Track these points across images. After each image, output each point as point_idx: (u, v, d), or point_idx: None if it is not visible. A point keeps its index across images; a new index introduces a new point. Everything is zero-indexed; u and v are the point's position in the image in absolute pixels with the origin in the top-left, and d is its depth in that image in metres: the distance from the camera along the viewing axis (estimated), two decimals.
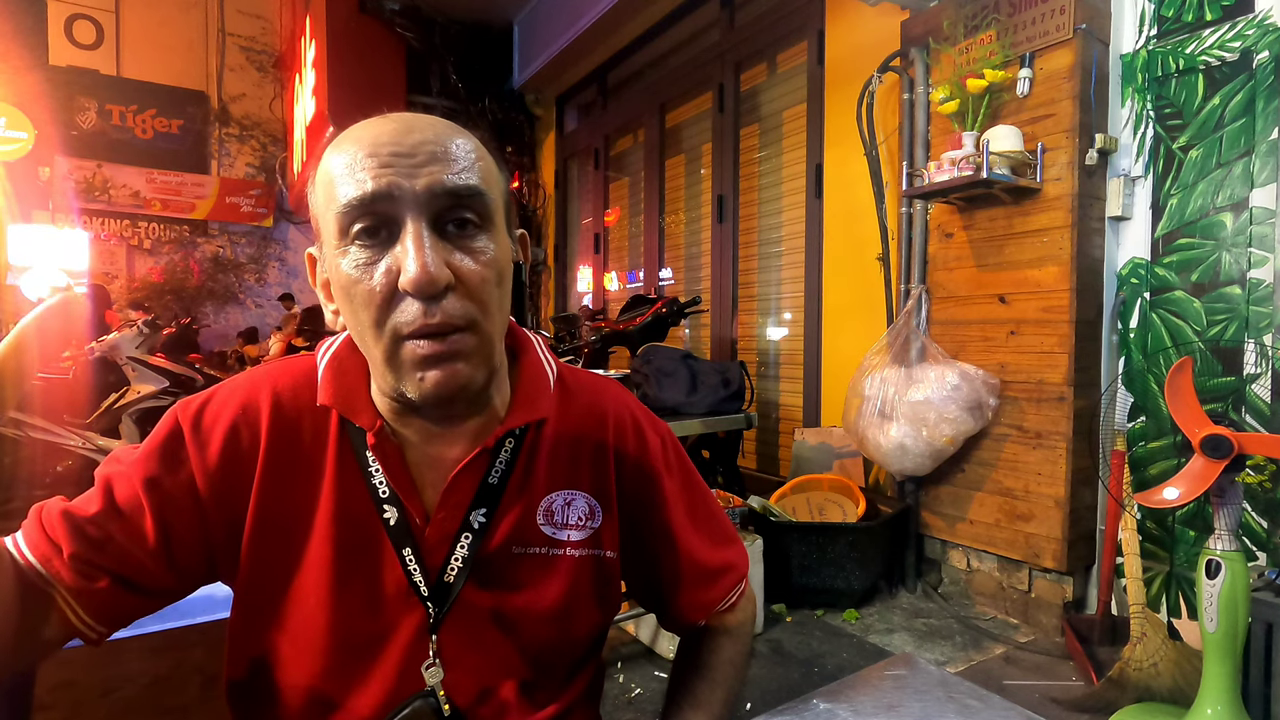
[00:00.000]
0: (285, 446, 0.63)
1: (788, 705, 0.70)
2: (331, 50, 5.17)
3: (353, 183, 0.54)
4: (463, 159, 0.56)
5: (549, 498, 0.67)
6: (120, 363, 4.07)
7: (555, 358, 0.74)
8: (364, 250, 0.54)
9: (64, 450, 3.81)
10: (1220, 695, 1.59)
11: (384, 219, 0.54)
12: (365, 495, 0.62)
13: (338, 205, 0.54)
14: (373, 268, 0.54)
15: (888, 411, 2.56)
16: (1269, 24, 2.00)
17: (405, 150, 0.54)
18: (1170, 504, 1.62)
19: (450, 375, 0.55)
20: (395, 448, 0.62)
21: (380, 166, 0.53)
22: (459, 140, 0.57)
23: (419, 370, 0.55)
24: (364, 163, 0.54)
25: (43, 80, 7.26)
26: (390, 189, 0.53)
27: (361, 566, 0.62)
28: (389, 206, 0.54)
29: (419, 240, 0.53)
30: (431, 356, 0.54)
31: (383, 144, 0.54)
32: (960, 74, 2.49)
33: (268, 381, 0.65)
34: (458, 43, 5.55)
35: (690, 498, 0.75)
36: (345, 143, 0.56)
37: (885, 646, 2.34)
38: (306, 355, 0.68)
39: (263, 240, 8.43)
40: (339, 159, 0.55)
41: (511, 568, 0.65)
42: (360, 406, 0.62)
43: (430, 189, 0.54)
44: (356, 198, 0.53)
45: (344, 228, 0.55)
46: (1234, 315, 2.10)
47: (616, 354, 3.62)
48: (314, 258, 0.62)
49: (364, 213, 0.54)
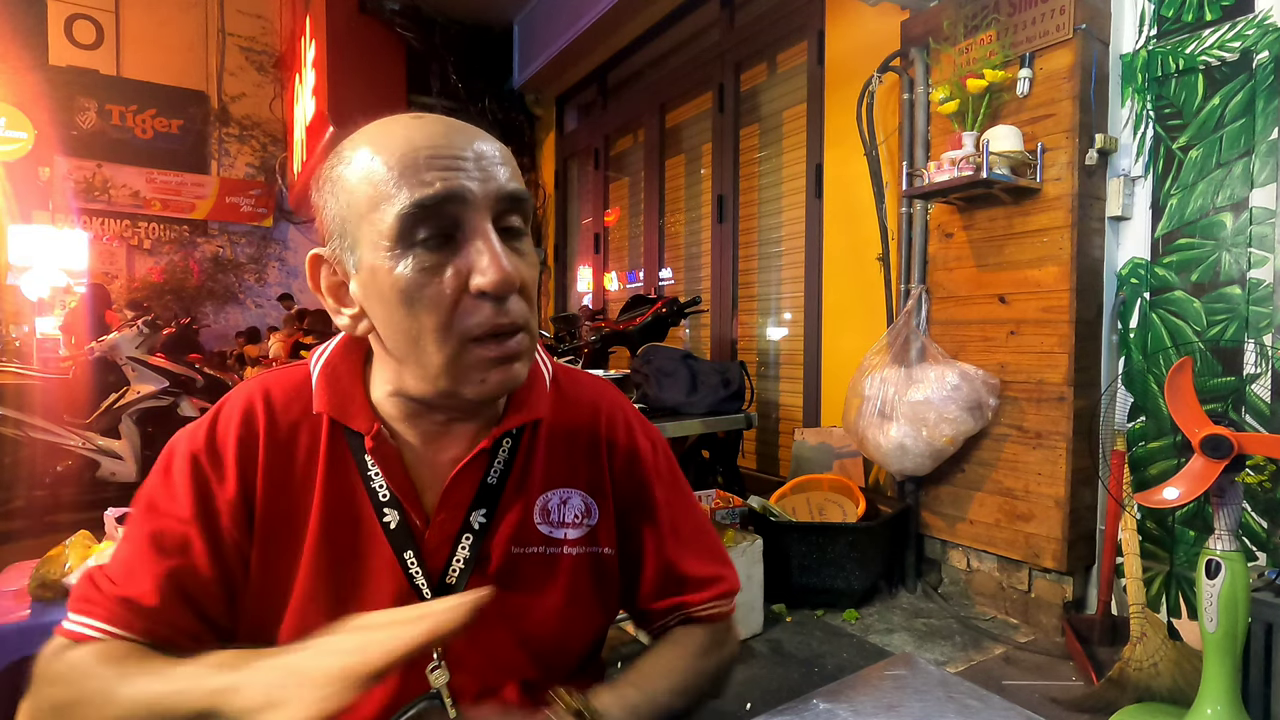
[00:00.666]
0: (282, 459, 0.63)
1: (788, 705, 0.70)
2: (331, 50, 5.17)
3: (418, 184, 0.53)
4: (510, 164, 0.57)
5: (545, 496, 0.67)
6: (120, 363, 4.07)
7: (550, 357, 0.74)
8: (431, 254, 0.54)
9: (64, 450, 3.82)
10: (1220, 695, 1.59)
11: (453, 221, 0.54)
12: (363, 500, 0.63)
13: (400, 206, 0.53)
14: (441, 270, 0.54)
15: (888, 411, 2.56)
16: (1269, 24, 2.00)
17: (467, 154, 0.54)
18: (1170, 504, 1.61)
19: (512, 376, 0.57)
20: (394, 451, 0.63)
21: (447, 169, 0.53)
22: (499, 144, 0.58)
23: (483, 372, 0.56)
24: (429, 164, 0.53)
25: (43, 80, 7.27)
26: (463, 192, 0.53)
27: (359, 572, 0.62)
28: (459, 209, 0.54)
29: (491, 242, 0.54)
30: (498, 358, 0.56)
31: (441, 146, 0.54)
32: (960, 74, 2.49)
33: (261, 395, 0.65)
34: (458, 43, 5.56)
35: (677, 507, 0.74)
36: (390, 142, 0.55)
37: (885, 646, 2.34)
38: (299, 364, 0.68)
39: (263, 240, 8.44)
40: (388, 159, 0.54)
41: (512, 568, 0.65)
42: (356, 411, 0.62)
43: (497, 192, 0.55)
44: (428, 198, 0.52)
45: (405, 230, 0.53)
46: (1234, 315, 2.10)
47: (616, 354, 3.62)
48: (321, 259, 0.60)
49: (433, 214, 0.53)
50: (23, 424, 3.68)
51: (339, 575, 0.62)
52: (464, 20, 5.56)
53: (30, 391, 3.94)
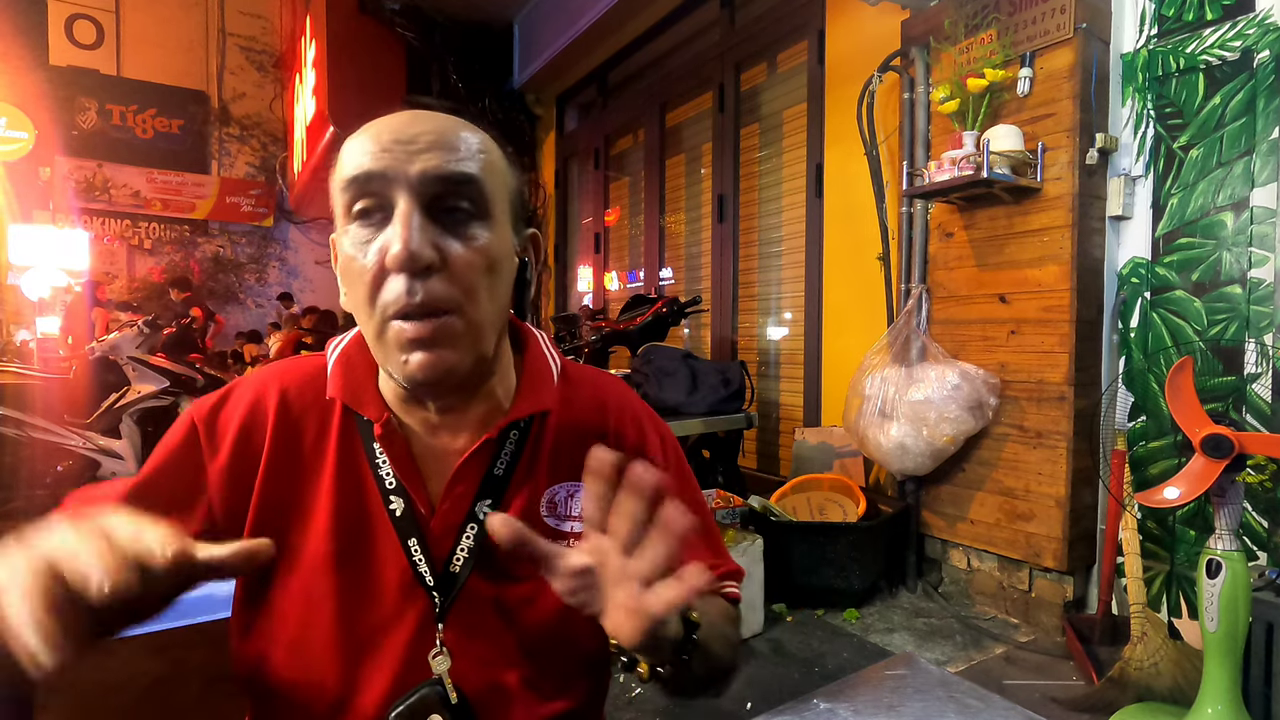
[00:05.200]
0: (289, 443, 0.65)
1: (788, 705, 0.70)
2: (332, 50, 5.17)
3: (353, 163, 0.57)
4: (463, 149, 0.58)
5: (552, 489, 0.67)
6: (120, 362, 4.07)
7: (559, 351, 0.75)
8: (363, 229, 0.57)
9: (64, 450, 3.81)
10: (1221, 695, 1.59)
11: (380, 200, 0.57)
12: (371, 487, 0.64)
13: (338, 181, 0.58)
14: (367, 246, 0.57)
15: (888, 411, 2.56)
16: (1269, 23, 2.00)
17: (406, 138, 0.57)
18: (1171, 503, 1.61)
19: (436, 360, 0.57)
20: (401, 439, 0.64)
21: (380, 150, 0.56)
22: (464, 133, 0.59)
23: (404, 352, 0.57)
24: (366, 146, 0.57)
25: (43, 80, 7.27)
26: (385, 170, 0.56)
27: (365, 557, 0.63)
28: (383, 186, 0.56)
29: (406, 219, 0.55)
30: (416, 339, 0.56)
31: (387, 131, 0.57)
32: (961, 73, 2.49)
33: (276, 379, 0.67)
34: (458, 42, 5.56)
35: (685, 504, 0.74)
36: (368, 129, 0.59)
37: (886, 646, 2.34)
38: (316, 354, 0.70)
39: (263, 240, 8.44)
40: (351, 143, 0.59)
41: (516, 559, 0.65)
42: (368, 399, 0.64)
43: (424, 173, 0.56)
44: (352, 176, 0.56)
45: (346, 205, 0.58)
46: (1234, 315, 2.10)
47: (617, 354, 3.62)
48: (335, 242, 0.65)
49: (360, 192, 0.57)
50: (23, 424, 3.68)
51: (347, 556, 0.63)
52: (464, 20, 5.56)
53: (30, 391, 3.95)
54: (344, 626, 0.62)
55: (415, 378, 0.57)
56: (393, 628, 0.63)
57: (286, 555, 0.63)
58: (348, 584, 0.62)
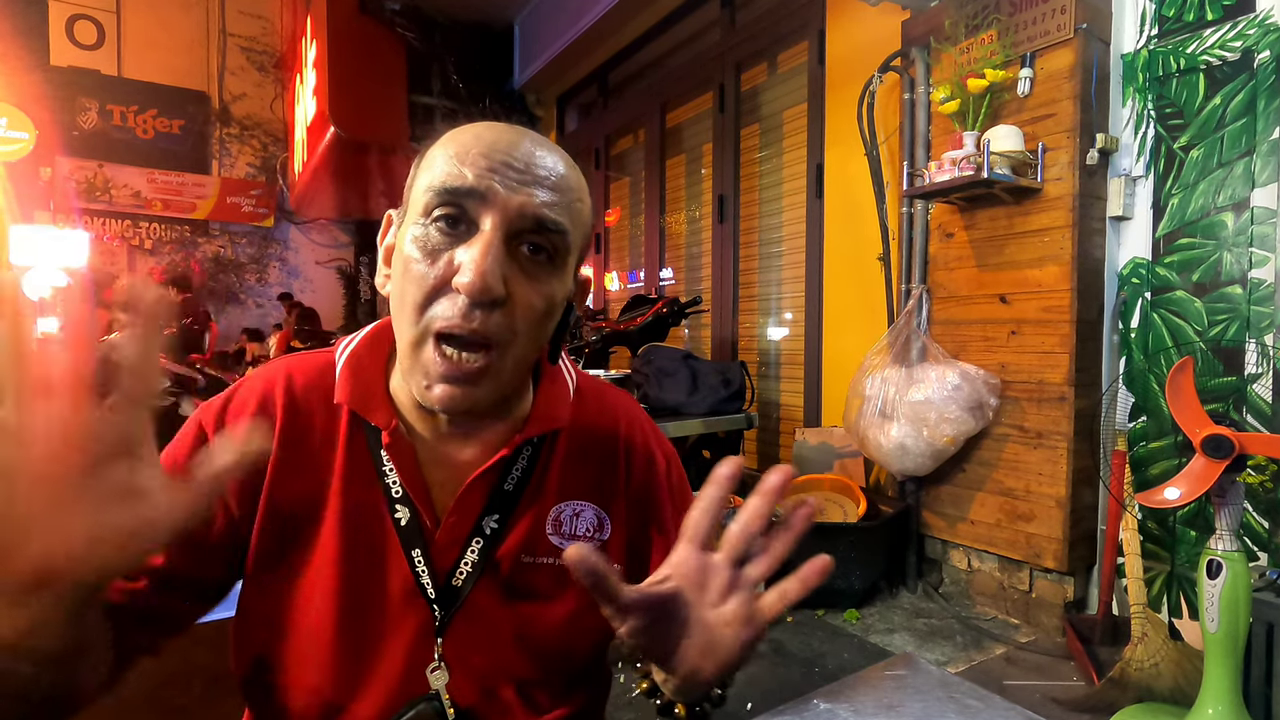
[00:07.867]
0: (296, 444, 0.63)
1: (788, 705, 0.70)
2: (332, 50, 5.16)
3: (455, 171, 0.55)
4: (564, 194, 0.57)
5: (558, 508, 0.67)
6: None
7: (576, 368, 0.74)
8: (438, 234, 0.55)
9: None
10: (1221, 695, 1.59)
11: (466, 214, 0.55)
12: (377, 495, 0.63)
13: (432, 183, 0.55)
14: (439, 254, 0.55)
15: (888, 411, 2.56)
16: (1270, 23, 2.00)
17: (516, 163, 0.55)
18: (1171, 504, 1.61)
19: (461, 396, 0.56)
20: (409, 447, 0.63)
21: (488, 168, 0.55)
22: (568, 175, 0.58)
23: (430, 378, 0.56)
24: (474, 159, 0.55)
25: (44, 80, 7.26)
26: (485, 191, 0.54)
27: (368, 566, 0.62)
28: (476, 205, 0.55)
29: (489, 248, 0.54)
30: (449, 375, 0.55)
31: (499, 149, 0.56)
32: (961, 74, 2.49)
33: (283, 377, 0.66)
34: (458, 43, 5.55)
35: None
36: (467, 134, 0.57)
37: (886, 646, 2.34)
38: (325, 350, 0.68)
39: (263, 240, 8.43)
40: (453, 144, 0.57)
41: (520, 576, 0.65)
42: (376, 405, 0.63)
43: (523, 208, 0.55)
44: (451, 186, 0.55)
45: (428, 206, 0.56)
46: (1235, 315, 2.10)
47: (617, 354, 3.62)
48: (390, 220, 0.63)
49: (451, 202, 0.55)
50: None
51: (352, 561, 0.62)
52: (464, 20, 5.56)
53: None
54: (343, 634, 0.61)
55: (434, 406, 0.57)
56: (391, 637, 0.62)
57: (293, 556, 0.62)
58: (350, 589, 0.61)
